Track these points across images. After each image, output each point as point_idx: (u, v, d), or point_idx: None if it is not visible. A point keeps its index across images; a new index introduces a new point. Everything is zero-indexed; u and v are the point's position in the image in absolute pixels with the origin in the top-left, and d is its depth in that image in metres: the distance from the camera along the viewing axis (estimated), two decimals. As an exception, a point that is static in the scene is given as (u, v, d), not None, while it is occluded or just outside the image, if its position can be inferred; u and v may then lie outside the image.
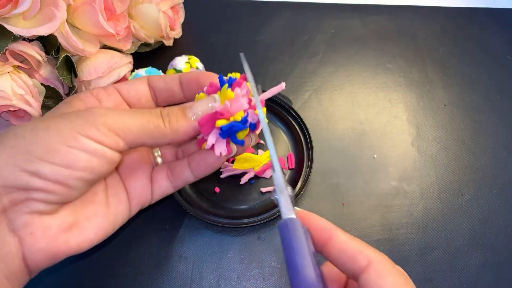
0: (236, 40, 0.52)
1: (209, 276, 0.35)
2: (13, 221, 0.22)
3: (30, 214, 0.22)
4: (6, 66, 0.35)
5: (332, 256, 0.21)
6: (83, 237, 0.24)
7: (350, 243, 0.21)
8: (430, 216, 0.39)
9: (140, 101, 0.29)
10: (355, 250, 0.21)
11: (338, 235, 0.21)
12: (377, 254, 0.20)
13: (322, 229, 0.22)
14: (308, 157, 0.40)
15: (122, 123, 0.24)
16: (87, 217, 0.25)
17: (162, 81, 0.29)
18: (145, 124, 0.24)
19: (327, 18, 0.55)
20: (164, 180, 0.30)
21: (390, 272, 0.20)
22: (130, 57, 0.44)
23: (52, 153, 0.22)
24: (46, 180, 0.22)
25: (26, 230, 0.22)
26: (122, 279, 0.35)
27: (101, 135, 0.23)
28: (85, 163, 0.23)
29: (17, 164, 0.21)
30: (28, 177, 0.21)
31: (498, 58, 0.52)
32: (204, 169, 0.29)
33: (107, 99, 0.27)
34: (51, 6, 0.35)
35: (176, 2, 0.48)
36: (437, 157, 0.43)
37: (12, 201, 0.22)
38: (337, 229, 0.22)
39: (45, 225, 0.23)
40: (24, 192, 0.22)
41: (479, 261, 0.37)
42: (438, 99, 0.48)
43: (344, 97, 0.47)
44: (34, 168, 0.21)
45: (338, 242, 0.21)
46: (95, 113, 0.23)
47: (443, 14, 0.57)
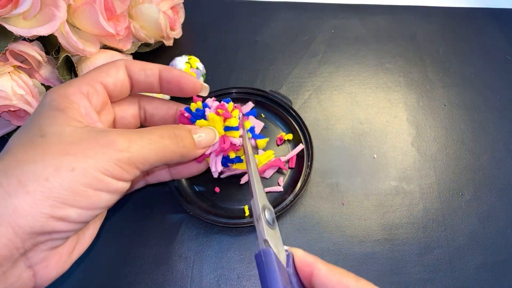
0: (236, 40, 0.52)
1: (209, 276, 0.35)
2: (30, 258, 0.22)
3: (47, 251, 0.22)
4: (7, 66, 0.35)
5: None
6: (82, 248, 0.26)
7: (330, 275, 0.21)
8: (430, 216, 0.40)
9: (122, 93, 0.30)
10: (335, 282, 0.21)
11: (318, 268, 0.22)
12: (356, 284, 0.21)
13: (304, 264, 0.22)
14: (308, 157, 0.40)
15: (143, 156, 0.24)
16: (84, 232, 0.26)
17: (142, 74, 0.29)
18: (161, 153, 0.25)
19: (327, 18, 0.55)
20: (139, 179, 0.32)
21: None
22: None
23: (78, 198, 0.22)
24: (72, 223, 0.22)
25: (43, 265, 0.22)
26: (122, 279, 0.35)
27: (124, 172, 0.23)
28: (106, 202, 0.23)
29: (44, 211, 0.21)
30: (55, 222, 0.21)
31: (498, 58, 0.52)
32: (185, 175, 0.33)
33: (97, 98, 0.27)
34: (51, 6, 0.36)
35: (176, 2, 0.48)
36: (437, 157, 0.44)
37: (34, 243, 0.21)
38: (318, 262, 0.22)
39: (58, 256, 0.23)
40: (47, 235, 0.22)
41: (479, 261, 0.37)
42: (438, 99, 0.48)
43: (344, 97, 0.47)
44: (62, 214, 0.21)
45: (319, 275, 0.21)
46: (118, 148, 0.23)
47: (443, 14, 0.57)
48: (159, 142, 0.25)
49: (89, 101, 0.26)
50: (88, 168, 0.22)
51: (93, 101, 0.27)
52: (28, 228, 0.20)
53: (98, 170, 0.22)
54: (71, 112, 0.24)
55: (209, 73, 0.47)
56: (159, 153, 0.25)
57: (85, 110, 0.26)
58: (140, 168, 0.24)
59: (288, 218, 0.39)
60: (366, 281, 0.21)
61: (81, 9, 0.38)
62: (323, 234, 0.38)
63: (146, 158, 0.24)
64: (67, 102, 0.25)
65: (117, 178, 0.23)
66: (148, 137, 0.25)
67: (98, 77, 0.28)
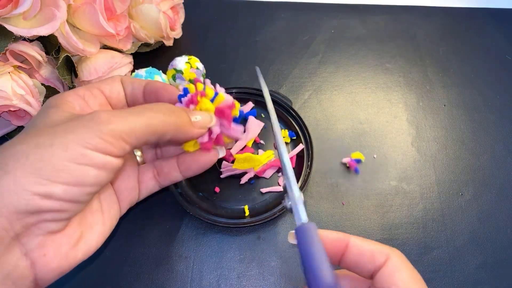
0: (236, 40, 0.52)
1: (209, 275, 0.35)
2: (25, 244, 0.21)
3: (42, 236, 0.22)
4: (7, 66, 0.35)
5: (351, 261, 0.23)
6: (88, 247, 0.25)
7: (366, 245, 0.23)
8: (429, 216, 0.40)
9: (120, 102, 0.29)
10: (373, 250, 0.22)
11: (353, 240, 0.23)
12: (393, 250, 0.22)
13: (336, 240, 0.23)
14: (308, 157, 0.40)
15: (128, 126, 0.23)
16: (89, 227, 0.25)
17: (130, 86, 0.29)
18: (149, 122, 0.24)
19: (327, 18, 0.55)
20: (151, 180, 0.31)
21: (405, 267, 0.22)
22: (130, 57, 0.44)
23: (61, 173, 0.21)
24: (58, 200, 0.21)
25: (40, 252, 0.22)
26: (122, 279, 0.35)
27: (108, 145, 0.22)
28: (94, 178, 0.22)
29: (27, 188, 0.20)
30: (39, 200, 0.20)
31: (498, 58, 0.52)
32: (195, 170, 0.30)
33: (94, 100, 0.27)
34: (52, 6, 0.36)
35: (176, 2, 0.48)
36: (437, 157, 0.44)
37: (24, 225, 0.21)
38: (350, 236, 0.23)
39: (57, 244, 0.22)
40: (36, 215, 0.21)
41: (478, 261, 0.37)
42: (438, 99, 0.48)
43: (344, 97, 0.47)
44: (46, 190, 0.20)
45: (355, 246, 0.23)
46: (100, 120, 0.22)
47: (443, 14, 0.57)
48: (148, 113, 0.24)
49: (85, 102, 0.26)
50: (68, 143, 0.21)
51: (89, 102, 0.27)
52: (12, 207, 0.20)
53: (79, 144, 0.21)
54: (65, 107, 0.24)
55: (209, 73, 0.47)
56: (148, 123, 0.24)
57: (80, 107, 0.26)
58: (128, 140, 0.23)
59: (288, 218, 0.39)
60: (401, 253, 0.22)
61: (81, 9, 0.38)
62: (323, 234, 0.38)
63: (132, 129, 0.23)
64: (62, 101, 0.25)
65: (101, 151, 0.22)
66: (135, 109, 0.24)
67: (95, 85, 0.28)
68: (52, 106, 0.25)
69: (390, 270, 0.21)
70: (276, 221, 0.38)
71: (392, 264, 0.21)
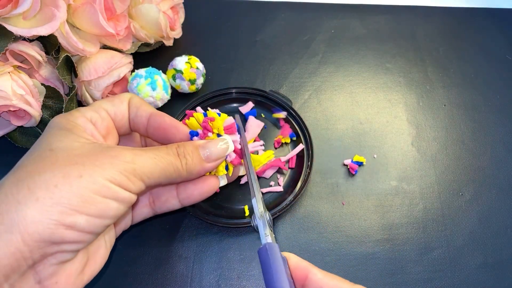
0: (236, 40, 0.52)
1: (209, 275, 0.35)
2: (39, 273, 0.22)
3: (56, 265, 0.22)
4: (6, 66, 0.35)
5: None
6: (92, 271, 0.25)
7: (326, 280, 0.22)
8: (430, 216, 0.40)
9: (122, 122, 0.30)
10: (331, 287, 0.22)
11: (314, 273, 0.22)
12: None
13: (298, 267, 0.23)
14: (308, 157, 0.40)
15: (148, 169, 0.25)
16: (94, 253, 0.26)
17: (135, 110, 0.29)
18: (166, 168, 0.26)
19: (327, 18, 0.55)
20: (145, 208, 0.31)
21: None
22: (130, 57, 0.44)
23: (88, 204, 0.21)
24: (80, 231, 0.22)
25: (53, 281, 0.22)
26: (122, 278, 0.35)
27: (129, 183, 0.23)
28: (115, 211, 0.23)
29: (53, 218, 0.20)
30: (64, 230, 0.21)
31: (498, 58, 0.52)
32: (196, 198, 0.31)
33: (101, 123, 0.28)
34: (51, 6, 0.36)
35: (176, 2, 0.48)
36: (437, 157, 0.43)
37: (43, 254, 0.21)
38: (313, 267, 0.23)
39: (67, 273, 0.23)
40: (56, 246, 0.21)
41: (478, 261, 0.37)
42: (438, 99, 0.48)
43: (344, 97, 0.47)
44: (71, 221, 0.21)
45: (314, 280, 0.22)
46: (124, 159, 0.24)
47: (443, 14, 0.57)
48: (164, 158, 0.26)
49: (94, 125, 0.27)
50: (96, 176, 0.22)
51: (97, 125, 0.27)
52: (37, 235, 0.20)
53: (105, 178, 0.22)
54: (77, 131, 0.25)
55: (209, 73, 0.47)
56: (163, 168, 0.26)
57: (90, 132, 0.27)
58: (146, 181, 0.25)
59: (288, 218, 0.39)
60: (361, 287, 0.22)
61: (81, 9, 0.38)
62: (323, 234, 0.38)
63: (151, 172, 0.25)
64: (73, 124, 0.26)
65: (123, 187, 0.23)
66: (153, 152, 0.26)
67: (102, 104, 0.29)
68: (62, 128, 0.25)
69: None
70: (276, 221, 0.38)
71: None
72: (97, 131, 0.27)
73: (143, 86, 0.40)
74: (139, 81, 0.40)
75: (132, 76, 0.41)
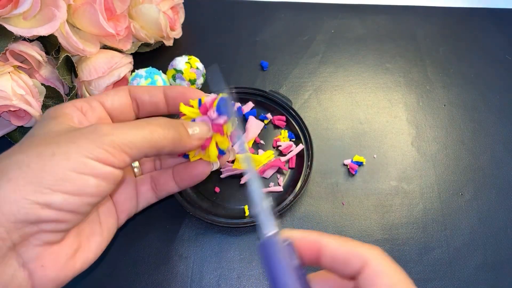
0: (236, 40, 0.52)
1: (209, 275, 0.35)
2: (23, 255, 0.21)
3: (40, 246, 0.21)
4: (7, 66, 0.35)
5: (326, 266, 0.21)
6: (85, 258, 0.25)
7: (340, 247, 0.20)
8: (429, 216, 0.40)
9: (123, 114, 0.29)
10: (347, 254, 0.20)
11: (326, 243, 0.20)
12: (370, 252, 0.20)
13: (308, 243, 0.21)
14: (308, 157, 0.40)
15: (128, 139, 0.23)
16: (87, 238, 0.25)
17: (146, 94, 0.29)
18: (149, 137, 0.24)
19: (327, 18, 0.55)
20: (149, 192, 0.31)
21: (386, 270, 0.19)
22: (130, 57, 0.44)
23: (62, 182, 0.21)
24: (58, 210, 0.21)
25: (37, 263, 0.21)
26: (122, 278, 0.35)
27: (109, 156, 0.22)
28: (95, 188, 0.22)
29: (27, 197, 0.20)
30: (40, 209, 0.20)
31: (498, 58, 0.52)
32: (188, 182, 0.31)
33: (92, 113, 0.27)
34: (52, 6, 0.36)
35: (176, 2, 0.48)
36: (437, 157, 0.44)
37: (22, 235, 0.20)
38: (323, 236, 0.21)
39: (54, 255, 0.22)
40: (35, 225, 0.21)
41: (478, 261, 0.37)
42: (438, 99, 0.48)
43: (344, 97, 0.47)
44: (46, 200, 0.20)
45: (328, 250, 0.20)
46: (101, 132, 0.23)
47: (443, 14, 0.57)
48: (147, 127, 0.25)
49: (84, 114, 0.26)
50: (70, 152, 0.21)
51: (88, 114, 0.27)
52: (12, 216, 0.20)
53: (81, 153, 0.21)
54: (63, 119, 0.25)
55: (209, 73, 0.47)
56: (147, 136, 0.24)
57: (78, 120, 0.26)
58: (128, 152, 0.23)
59: (288, 218, 0.39)
60: (379, 249, 0.20)
61: (81, 9, 0.38)
62: (323, 234, 0.38)
63: (133, 142, 0.23)
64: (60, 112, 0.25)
65: (102, 161, 0.22)
66: (135, 123, 0.25)
67: (96, 97, 0.28)
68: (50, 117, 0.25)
69: (370, 277, 0.19)
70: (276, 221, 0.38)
71: (371, 270, 0.19)
72: (87, 120, 0.26)
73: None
74: (139, 81, 0.40)
75: (132, 76, 0.41)
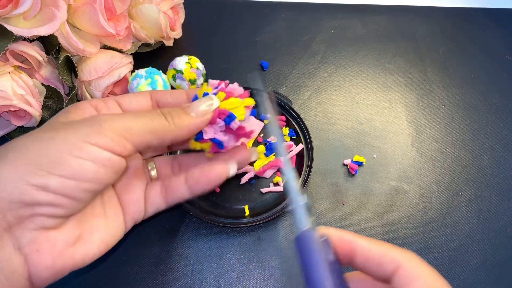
0: (236, 40, 0.52)
1: (209, 275, 0.35)
2: (18, 238, 0.21)
3: (36, 230, 0.21)
4: (7, 66, 0.35)
5: (360, 267, 0.21)
6: (87, 250, 0.24)
7: (373, 249, 0.20)
8: (429, 216, 0.40)
9: None
10: (380, 256, 0.20)
11: (360, 244, 0.21)
12: (404, 255, 0.20)
13: (342, 242, 0.21)
14: (308, 157, 0.40)
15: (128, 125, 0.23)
16: (90, 230, 0.25)
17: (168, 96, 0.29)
18: (149, 123, 0.24)
19: (327, 18, 0.55)
20: (158, 198, 0.30)
21: (420, 274, 0.19)
22: (130, 57, 0.44)
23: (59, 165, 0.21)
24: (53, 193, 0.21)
25: (33, 247, 0.21)
26: (122, 278, 0.35)
27: (108, 140, 0.22)
28: (92, 174, 0.22)
29: (23, 178, 0.20)
30: (35, 191, 0.20)
31: (498, 58, 0.52)
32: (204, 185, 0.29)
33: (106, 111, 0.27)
34: (52, 6, 0.36)
35: (176, 2, 0.48)
36: (437, 157, 0.44)
37: (17, 217, 0.20)
38: (358, 237, 0.21)
39: (51, 241, 0.22)
40: (30, 208, 0.20)
41: (478, 261, 0.37)
42: (438, 99, 0.48)
43: (343, 97, 0.47)
44: (42, 182, 0.20)
45: (361, 251, 0.20)
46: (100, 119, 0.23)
47: (443, 14, 0.57)
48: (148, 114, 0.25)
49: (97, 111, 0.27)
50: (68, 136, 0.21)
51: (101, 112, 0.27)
52: (7, 195, 0.20)
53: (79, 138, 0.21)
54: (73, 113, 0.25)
55: (209, 73, 0.47)
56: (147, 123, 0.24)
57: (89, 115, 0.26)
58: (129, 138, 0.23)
59: (288, 218, 0.39)
60: (413, 253, 0.20)
61: (81, 9, 0.38)
62: (323, 234, 0.38)
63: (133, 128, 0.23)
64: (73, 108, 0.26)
65: (101, 146, 0.22)
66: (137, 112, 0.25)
67: (114, 97, 0.28)
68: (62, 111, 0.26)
69: (404, 279, 0.19)
70: (276, 221, 0.38)
71: (404, 273, 0.19)
72: None
73: (143, 86, 0.40)
74: (139, 81, 0.40)
75: (132, 76, 0.41)
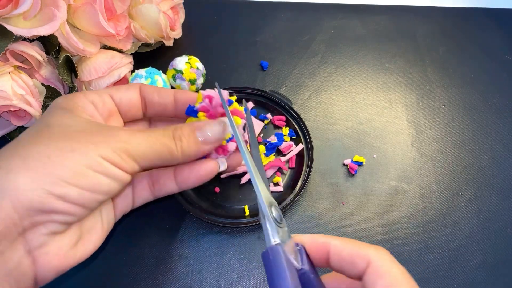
0: (236, 40, 0.52)
1: (209, 275, 0.35)
2: (30, 242, 0.22)
3: (47, 235, 0.22)
4: (7, 66, 0.35)
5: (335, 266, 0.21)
6: (85, 249, 0.25)
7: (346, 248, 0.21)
8: (429, 216, 0.40)
9: (131, 111, 0.30)
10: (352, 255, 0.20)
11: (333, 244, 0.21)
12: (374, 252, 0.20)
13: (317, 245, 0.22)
14: (308, 157, 0.40)
15: (142, 150, 0.25)
16: (88, 230, 0.26)
17: (156, 95, 0.30)
18: (160, 150, 0.26)
19: (327, 18, 0.55)
20: (145, 191, 0.31)
21: (388, 271, 0.19)
22: (130, 57, 0.44)
23: (79, 177, 0.22)
24: (71, 203, 0.22)
25: (42, 251, 0.22)
26: (122, 278, 0.35)
27: (122, 161, 0.24)
28: (107, 187, 0.24)
29: (44, 187, 0.21)
30: (54, 200, 0.21)
31: (498, 58, 0.52)
32: (193, 182, 0.29)
33: (103, 106, 0.28)
34: (52, 6, 0.36)
35: (176, 2, 0.48)
36: (437, 157, 0.44)
37: (33, 223, 0.21)
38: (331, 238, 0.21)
39: (59, 245, 0.23)
40: (47, 215, 0.22)
41: (478, 261, 0.37)
42: (438, 99, 0.48)
43: (343, 97, 0.47)
44: (62, 192, 0.21)
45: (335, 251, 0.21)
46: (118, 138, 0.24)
47: (443, 14, 0.57)
48: (159, 140, 0.26)
49: (95, 107, 0.27)
50: (88, 151, 0.23)
51: (98, 107, 0.28)
52: (28, 203, 0.20)
53: (98, 154, 0.23)
54: (76, 110, 0.26)
55: (209, 73, 0.47)
56: (157, 149, 0.25)
57: (90, 112, 0.27)
58: (139, 162, 0.25)
59: (288, 218, 0.39)
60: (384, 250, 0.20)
61: (81, 9, 0.38)
62: (323, 234, 0.38)
63: (145, 153, 0.25)
64: (73, 103, 0.26)
65: (116, 165, 0.24)
66: (149, 133, 0.26)
67: (107, 90, 0.29)
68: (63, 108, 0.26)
69: (372, 277, 0.19)
70: (276, 221, 0.38)
71: (373, 270, 0.20)
72: (98, 112, 0.27)
73: (143, 86, 0.40)
74: (139, 81, 0.40)
75: (132, 76, 0.41)
